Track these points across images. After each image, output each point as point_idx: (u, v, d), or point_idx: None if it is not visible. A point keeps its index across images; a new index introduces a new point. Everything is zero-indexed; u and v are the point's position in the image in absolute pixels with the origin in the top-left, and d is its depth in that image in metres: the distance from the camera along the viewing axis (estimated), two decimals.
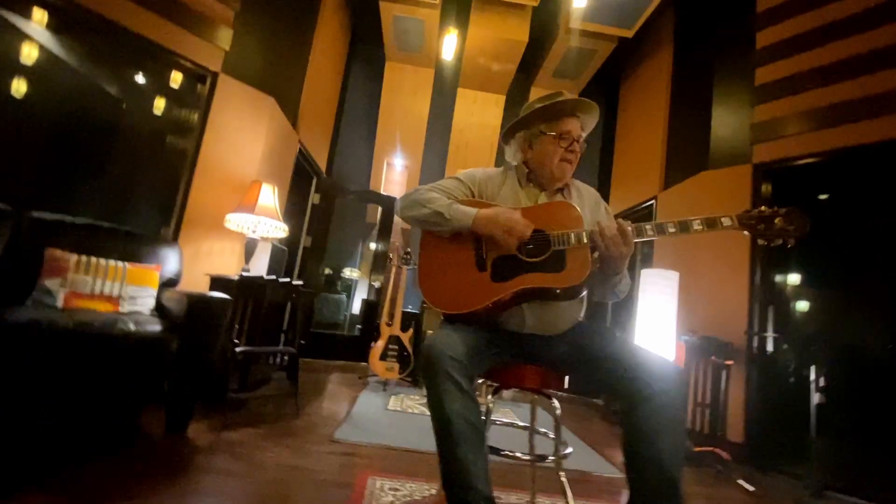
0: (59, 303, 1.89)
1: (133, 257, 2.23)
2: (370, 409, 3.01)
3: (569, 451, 1.38)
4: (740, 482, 2.37)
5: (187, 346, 1.96)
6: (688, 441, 2.71)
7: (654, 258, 3.93)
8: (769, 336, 2.99)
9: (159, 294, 2.24)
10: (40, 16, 2.51)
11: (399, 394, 3.61)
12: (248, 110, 3.22)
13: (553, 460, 1.35)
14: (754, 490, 2.30)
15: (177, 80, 3.03)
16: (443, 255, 1.35)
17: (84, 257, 2.02)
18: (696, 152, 3.70)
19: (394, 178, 5.51)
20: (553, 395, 1.38)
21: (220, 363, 2.29)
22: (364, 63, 5.46)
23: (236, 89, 3.15)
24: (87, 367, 1.70)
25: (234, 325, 2.53)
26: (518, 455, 1.32)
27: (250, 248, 2.98)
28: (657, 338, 2.89)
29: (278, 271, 4.08)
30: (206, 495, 1.49)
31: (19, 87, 2.61)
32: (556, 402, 1.36)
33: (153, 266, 2.28)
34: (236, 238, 3.13)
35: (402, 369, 3.84)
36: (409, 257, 4.00)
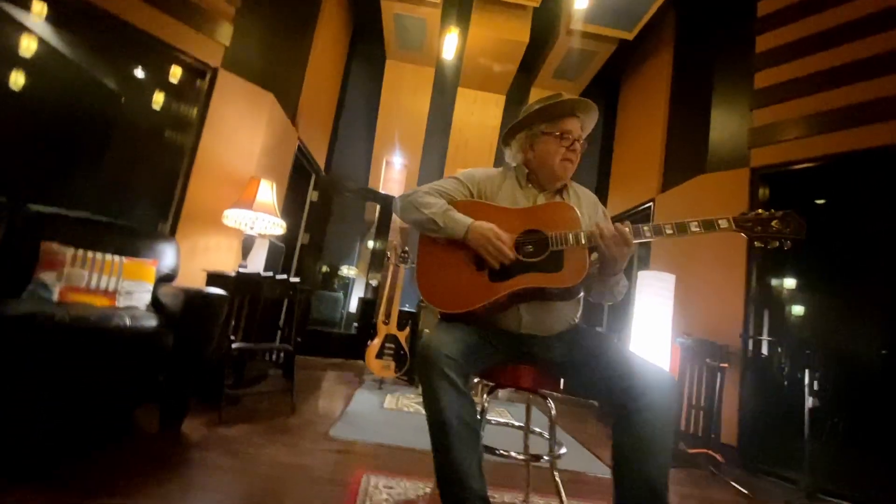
0: (55, 296, 1.88)
1: (130, 252, 2.22)
2: (366, 407, 3.01)
3: (563, 451, 1.39)
4: (733, 484, 2.38)
5: (183, 342, 1.96)
6: (682, 443, 2.73)
7: (650, 260, 3.94)
8: (764, 340, 3.01)
9: (156, 289, 2.24)
10: (40, 8, 2.50)
11: (395, 392, 3.61)
12: (248, 106, 3.21)
13: (548, 460, 1.36)
14: (747, 492, 2.31)
15: (176, 74, 3.03)
16: (442, 253, 1.35)
17: (80, 251, 2.01)
18: (694, 155, 3.71)
19: (393, 177, 5.51)
20: (548, 396, 1.39)
21: (216, 359, 2.29)
22: (364, 61, 5.45)
23: (236, 85, 3.14)
24: (83, 362, 1.69)
25: (231, 321, 2.52)
26: (513, 454, 1.33)
27: (248, 244, 2.97)
28: (653, 340, 2.90)
29: (275, 268, 4.07)
30: (201, 491, 1.48)
31: (17, 79, 2.60)
32: (551, 402, 1.37)
33: (150, 261, 2.27)
34: (234, 234, 3.12)
35: (398, 368, 3.84)
36: (406, 256, 4.00)
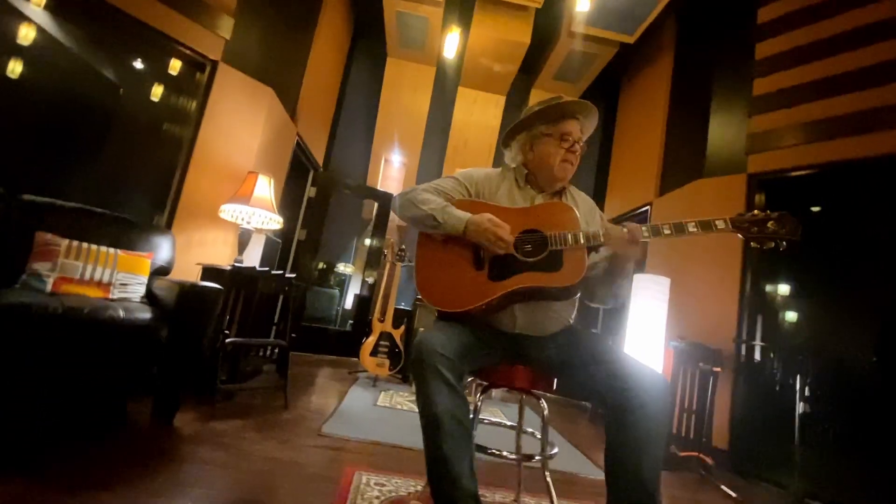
0: (49, 287, 1.87)
1: (125, 244, 2.21)
2: (359, 404, 3.01)
3: (555, 451, 1.39)
4: (723, 488, 2.40)
5: (177, 336, 1.95)
6: (673, 446, 2.74)
7: (646, 263, 3.95)
8: (757, 345, 3.03)
9: (150, 282, 2.23)
10: None
11: (389, 390, 3.61)
12: (247, 101, 3.20)
13: (539, 460, 1.36)
14: (737, 496, 2.32)
15: (176, 67, 3.02)
16: (441, 252, 1.36)
17: (75, 242, 2.00)
18: (692, 160, 3.73)
19: (391, 175, 5.50)
20: (541, 396, 1.39)
21: (210, 353, 2.28)
22: (365, 58, 5.44)
23: (235, 79, 3.13)
24: (75, 354, 1.69)
25: (225, 315, 2.52)
26: (505, 454, 1.33)
27: (244, 239, 2.96)
28: (647, 343, 2.91)
29: (271, 263, 4.06)
30: (192, 485, 1.48)
31: (15, 68, 2.58)
32: (544, 402, 1.37)
33: (145, 253, 2.26)
34: (230, 228, 3.11)
35: (392, 366, 3.84)
36: (403, 254, 4.00)
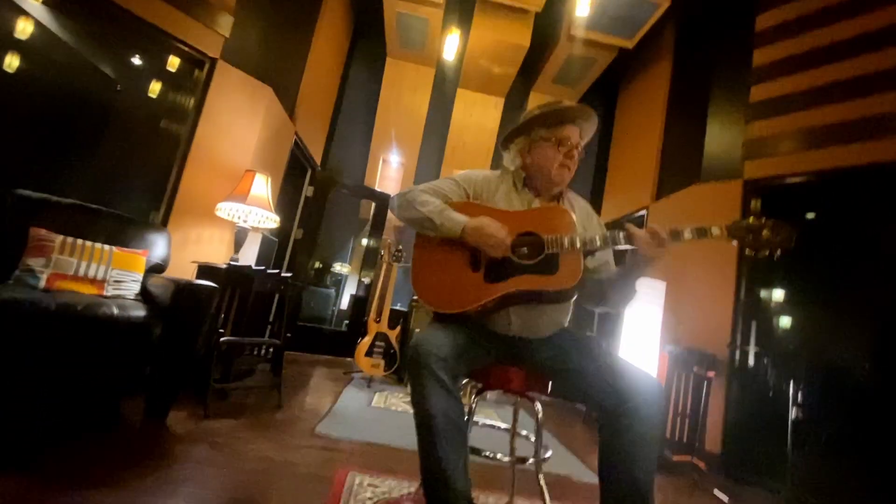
0: (42, 283, 1.86)
1: (120, 241, 2.20)
2: (353, 404, 3.00)
3: (549, 454, 1.39)
4: (716, 492, 2.40)
5: (171, 334, 1.94)
6: (666, 450, 2.74)
7: None
8: (751, 350, 3.04)
9: (145, 279, 2.22)
10: None
11: (383, 391, 3.61)
12: (245, 99, 3.19)
13: (533, 463, 1.36)
14: (729, 501, 2.33)
15: (174, 64, 3.01)
16: (438, 253, 1.36)
17: (70, 238, 1.98)
18: (688, 165, 3.74)
19: (389, 175, 5.50)
20: (536, 399, 1.39)
21: (204, 352, 2.27)
22: (365, 58, 5.43)
23: (234, 77, 3.12)
24: (68, 350, 1.67)
25: (220, 314, 2.50)
26: (499, 456, 1.33)
27: (240, 237, 2.95)
28: (642, 347, 2.92)
29: (267, 262, 4.05)
30: (184, 484, 1.47)
31: (12, 62, 2.57)
32: (538, 405, 1.37)
33: (140, 251, 2.25)
34: (226, 227, 3.10)
35: (387, 366, 3.83)
36: (400, 254, 3.99)
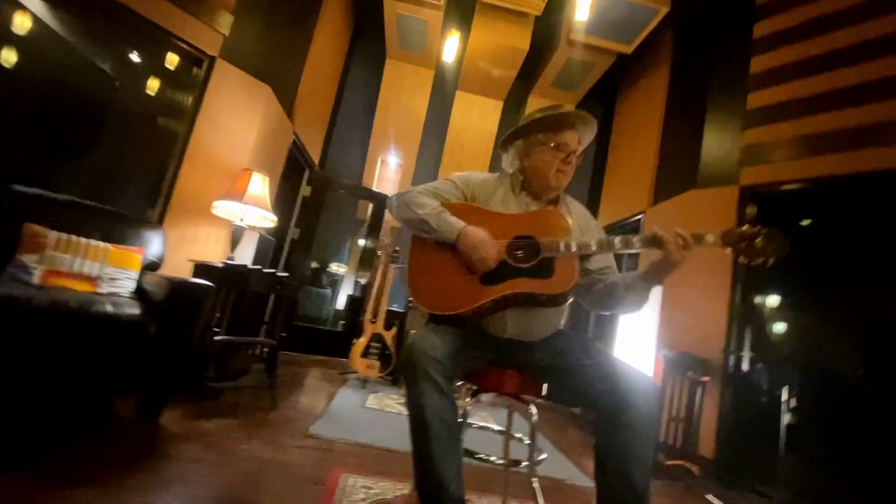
0: (36, 280, 1.85)
1: (115, 238, 2.19)
2: (348, 405, 2.99)
3: (543, 457, 1.39)
4: (708, 497, 2.41)
5: (166, 332, 1.93)
6: (660, 454, 2.75)
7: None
8: (745, 355, 3.05)
9: (140, 277, 2.20)
10: None
11: (378, 392, 3.60)
12: (244, 97, 3.19)
13: (527, 466, 1.36)
14: None
15: (173, 61, 2.99)
16: (434, 254, 1.36)
17: (64, 235, 1.97)
18: (685, 170, 3.76)
19: (387, 176, 5.50)
20: (531, 402, 1.39)
21: (199, 351, 2.26)
22: (364, 58, 5.44)
23: (233, 75, 3.11)
24: (62, 348, 1.66)
25: (216, 313, 2.50)
26: (492, 459, 1.33)
27: (237, 236, 2.94)
28: (637, 350, 2.93)
29: (264, 262, 4.04)
30: (178, 483, 1.46)
31: (9, 57, 2.55)
32: (533, 408, 1.37)
33: (136, 248, 2.24)
34: (223, 225, 3.09)
35: (382, 367, 3.82)
36: (397, 255, 3.99)
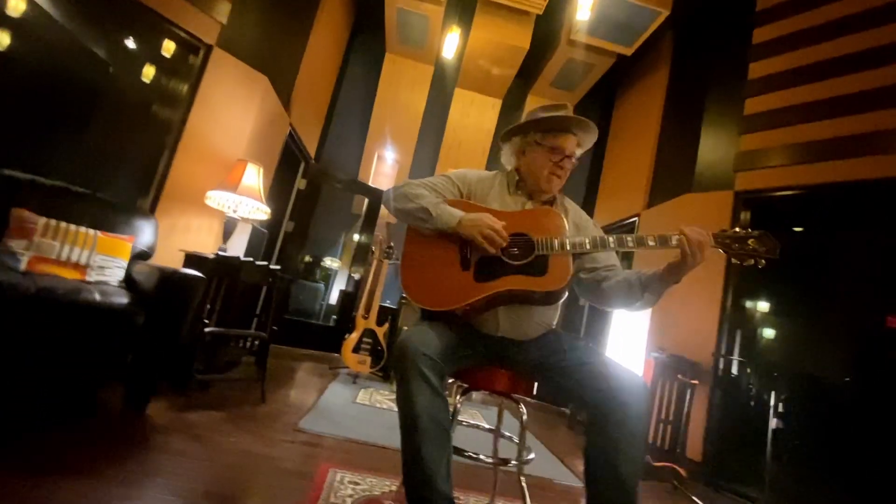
0: (23, 266, 1.82)
1: (106, 226, 2.16)
2: (338, 400, 2.98)
3: (532, 456, 1.39)
4: (694, 500, 2.43)
5: (154, 322, 1.91)
6: (647, 455, 2.76)
7: None
8: (735, 359, 3.08)
9: (130, 266, 2.18)
10: None
11: (369, 388, 3.59)
12: (240, 87, 3.15)
13: (515, 465, 1.36)
14: None
15: (169, 49, 2.95)
16: (428, 250, 1.35)
17: (53, 221, 1.94)
18: (681, 174, 3.78)
19: (383, 171, 5.48)
20: (521, 401, 1.39)
21: (188, 342, 2.24)
22: (363, 52, 5.40)
23: (230, 65, 3.07)
24: (47, 336, 1.63)
25: (206, 304, 2.47)
26: (481, 457, 1.32)
27: (229, 227, 2.91)
28: (628, 352, 2.94)
29: (257, 254, 4.01)
30: (162, 475, 1.45)
31: (2, 39, 2.50)
32: (523, 407, 1.37)
33: (126, 237, 2.21)
34: (216, 216, 3.06)
35: (373, 363, 3.81)
36: (391, 251, 3.98)
